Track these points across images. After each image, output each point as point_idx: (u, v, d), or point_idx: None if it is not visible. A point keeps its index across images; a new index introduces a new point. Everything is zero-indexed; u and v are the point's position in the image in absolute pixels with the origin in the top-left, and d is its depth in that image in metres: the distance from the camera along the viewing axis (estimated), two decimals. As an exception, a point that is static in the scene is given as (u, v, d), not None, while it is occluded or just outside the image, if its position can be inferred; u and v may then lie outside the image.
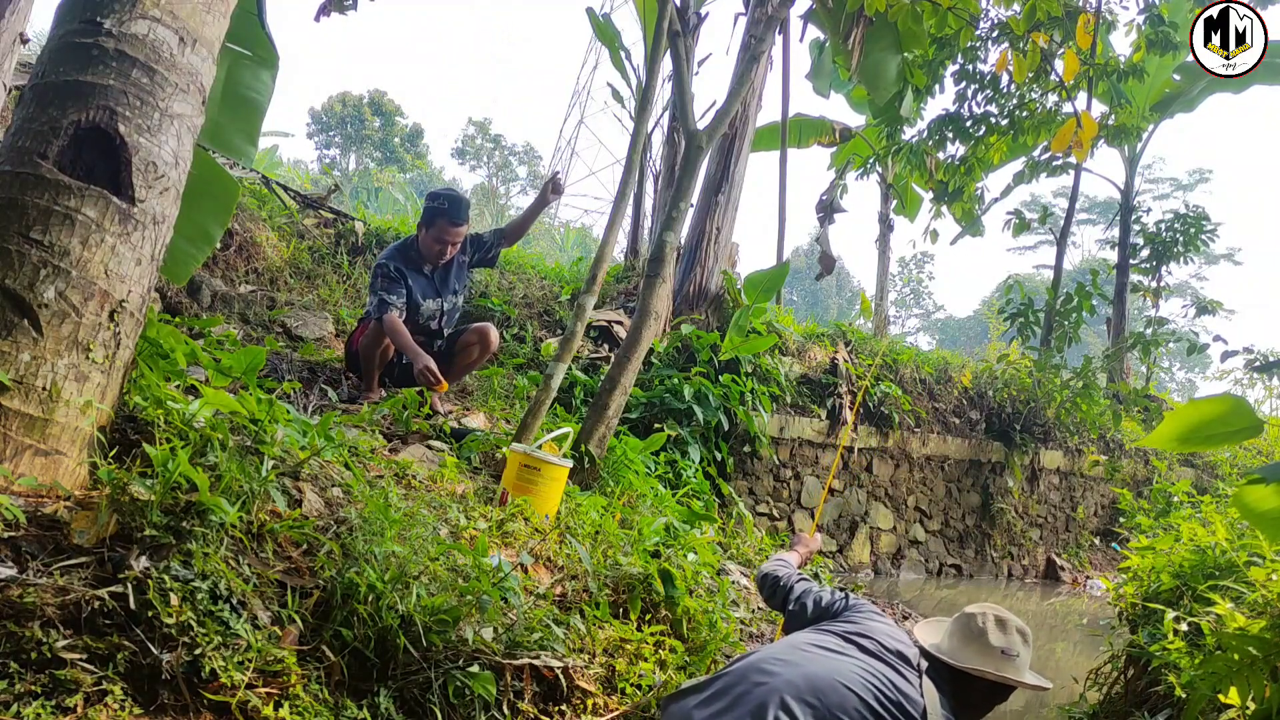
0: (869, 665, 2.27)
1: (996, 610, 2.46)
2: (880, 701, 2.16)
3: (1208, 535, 3.66)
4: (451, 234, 4.74)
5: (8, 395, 2.19)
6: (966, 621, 2.44)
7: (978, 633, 2.39)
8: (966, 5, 6.66)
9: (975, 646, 2.38)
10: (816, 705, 2.10)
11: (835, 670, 2.22)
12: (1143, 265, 11.91)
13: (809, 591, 2.80)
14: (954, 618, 2.51)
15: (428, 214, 4.75)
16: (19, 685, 1.74)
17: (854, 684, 2.18)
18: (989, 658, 2.35)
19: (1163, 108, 12.10)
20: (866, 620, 2.50)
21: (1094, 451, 10.22)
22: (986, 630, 2.39)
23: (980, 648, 2.37)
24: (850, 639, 2.37)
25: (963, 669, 2.34)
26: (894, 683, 2.23)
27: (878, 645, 2.36)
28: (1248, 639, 2.46)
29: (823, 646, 2.33)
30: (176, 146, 2.56)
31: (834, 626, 2.49)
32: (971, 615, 2.45)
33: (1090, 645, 5.38)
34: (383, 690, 2.25)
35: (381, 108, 36.96)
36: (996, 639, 2.38)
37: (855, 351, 8.79)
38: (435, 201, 4.77)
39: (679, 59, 5.13)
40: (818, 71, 11.87)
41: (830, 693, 2.14)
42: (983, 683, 2.36)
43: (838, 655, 2.29)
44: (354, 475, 2.95)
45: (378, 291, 4.64)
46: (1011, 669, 2.36)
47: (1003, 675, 2.34)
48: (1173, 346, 12.82)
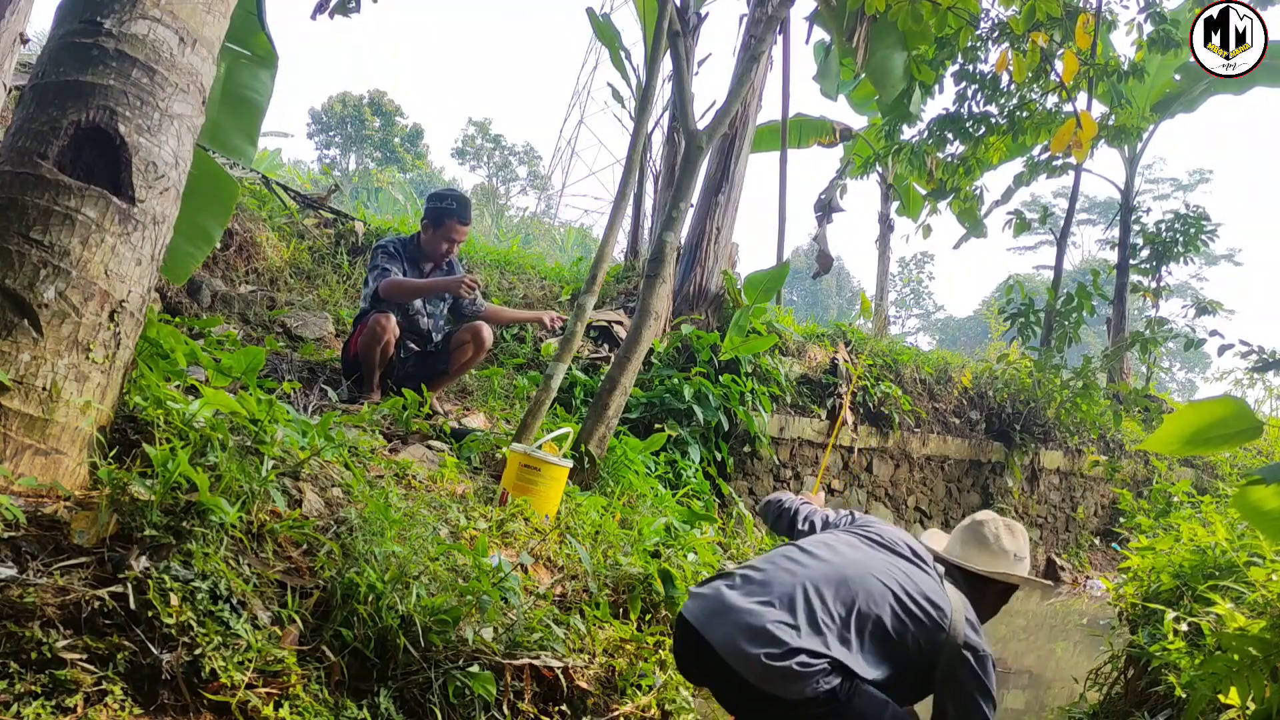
0: (894, 562, 2.37)
1: (1001, 518, 2.62)
2: (908, 595, 2.26)
3: (1208, 535, 3.66)
4: (460, 233, 4.82)
5: (8, 395, 2.19)
6: (977, 529, 2.58)
7: (991, 538, 2.55)
8: (966, 5, 6.66)
9: (989, 551, 2.54)
10: (846, 594, 2.20)
11: (864, 563, 2.31)
12: (1143, 265, 11.90)
13: (816, 511, 2.82)
14: (961, 526, 2.66)
15: (435, 214, 4.78)
16: (19, 685, 1.74)
17: (883, 576, 2.28)
18: (1003, 561, 2.53)
19: (1163, 108, 12.10)
20: (881, 526, 2.58)
21: (1094, 451, 10.21)
22: (999, 536, 2.56)
23: (994, 552, 2.53)
24: (872, 540, 2.46)
25: (984, 573, 2.50)
26: (918, 580, 2.33)
27: (899, 545, 2.46)
28: (1248, 639, 2.46)
29: (849, 544, 2.42)
30: (176, 146, 2.56)
31: (854, 531, 2.55)
32: (981, 523, 2.60)
33: (1090, 645, 5.38)
34: (383, 690, 2.25)
35: (381, 108, 36.93)
36: (1009, 544, 2.55)
37: (855, 352, 8.79)
38: (443, 202, 4.82)
39: (679, 59, 5.13)
40: (824, 73, 11.87)
41: (859, 582, 2.24)
42: (997, 585, 2.54)
43: (865, 550, 2.40)
44: (354, 475, 2.95)
45: (378, 265, 4.70)
46: (1022, 570, 2.56)
47: (1019, 577, 2.55)
48: (1172, 347, 12.82)
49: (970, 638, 2.26)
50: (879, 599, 2.21)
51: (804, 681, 2.02)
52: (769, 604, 2.15)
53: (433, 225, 4.78)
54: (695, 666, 2.30)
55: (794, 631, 2.09)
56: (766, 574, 2.25)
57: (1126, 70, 9.34)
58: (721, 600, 2.20)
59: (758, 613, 2.13)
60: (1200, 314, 11.27)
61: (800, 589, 2.18)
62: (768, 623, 2.10)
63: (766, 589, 2.20)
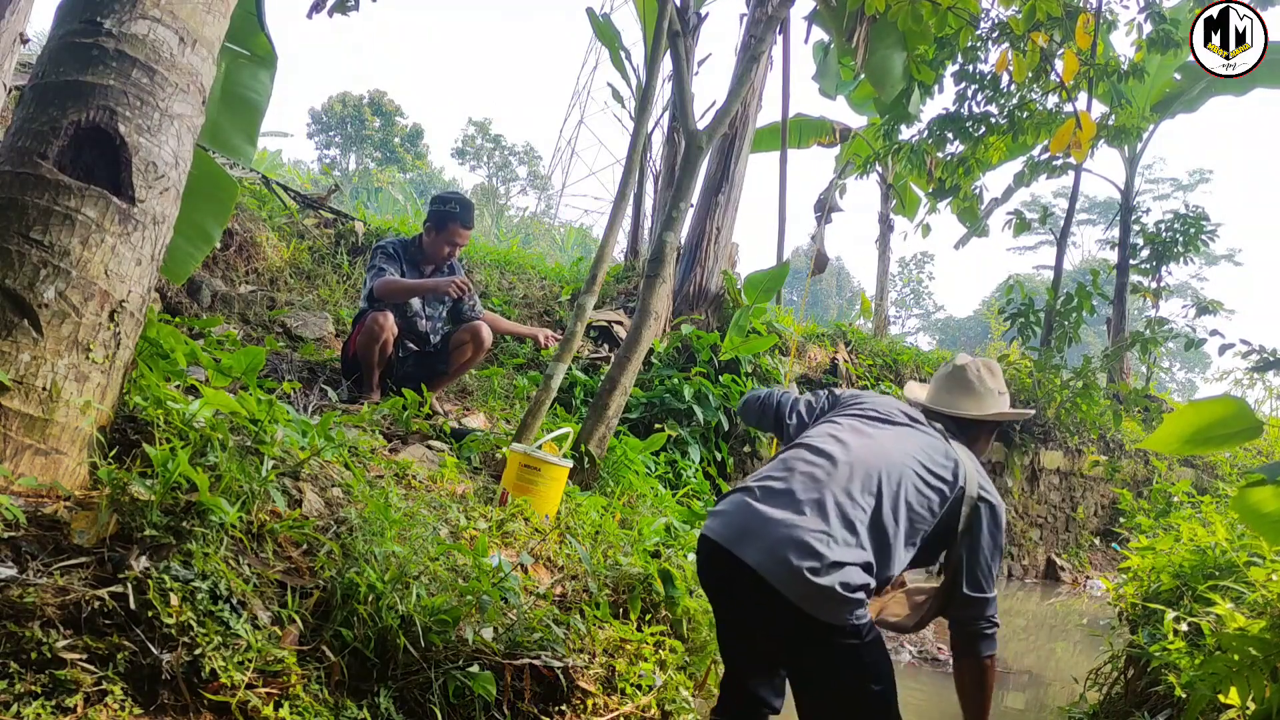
0: (901, 434, 2.34)
1: (978, 358, 2.62)
2: (924, 466, 2.24)
3: (1208, 535, 3.66)
4: (462, 237, 4.84)
5: (8, 395, 2.19)
6: (961, 375, 2.56)
7: (976, 381, 2.55)
8: (966, 5, 6.66)
9: (977, 395, 2.53)
10: (870, 485, 2.16)
11: (876, 448, 2.26)
12: (1143, 265, 11.90)
13: (798, 400, 2.67)
14: (942, 375, 2.61)
15: (439, 217, 4.79)
16: (19, 685, 1.74)
17: (897, 455, 2.24)
18: (991, 401, 2.54)
19: (1163, 108, 12.09)
20: (871, 399, 2.50)
21: (1094, 451, 10.21)
22: (983, 377, 2.56)
23: (982, 394, 2.53)
24: (872, 419, 2.39)
25: (980, 418, 2.51)
26: (927, 446, 2.31)
27: (896, 415, 2.42)
28: (1248, 639, 2.46)
29: (853, 430, 2.34)
30: (176, 146, 2.56)
31: (848, 412, 2.45)
32: (962, 368, 2.58)
33: (1090, 645, 5.38)
34: (383, 690, 2.25)
35: (381, 108, 36.93)
36: (992, 382, 2.56)
37: (855, 352, 8.79)
38: (446, 205, 4.83)
39: (679, 59, 5.13)
40: (823, 73, 11.87)
41: (878, 469, 2.18)
42: (988, 425, 2.55)
43: (871, 432, 2.34)
44: (354, 475, 2.95)
45: (375, 265, 4.72)
46: (1007, 404, 2.58)
47: (1012, 413, 2.58)
48: (1172, 347, 12.82)
49: (984, 490, 2.29)
50: (901, 480, 2.18)
51: (844, 608, 1.99)
52: (800, 513, 2.07)
53: (435, 228, 4.79)
54: (723, 588, 2.21)
55: (830, 540, 2.02)
56: (787, 482, 2.16)
57: (1126, 70, 9.33)
58: (752, 513, 2.10)
59: (792, 523, 2.04)
60: (1200, 314, 11.26)
61: (828, 493, 2.11)
62: (806, 534, 2.02)
63: (793, 497, 2.11)
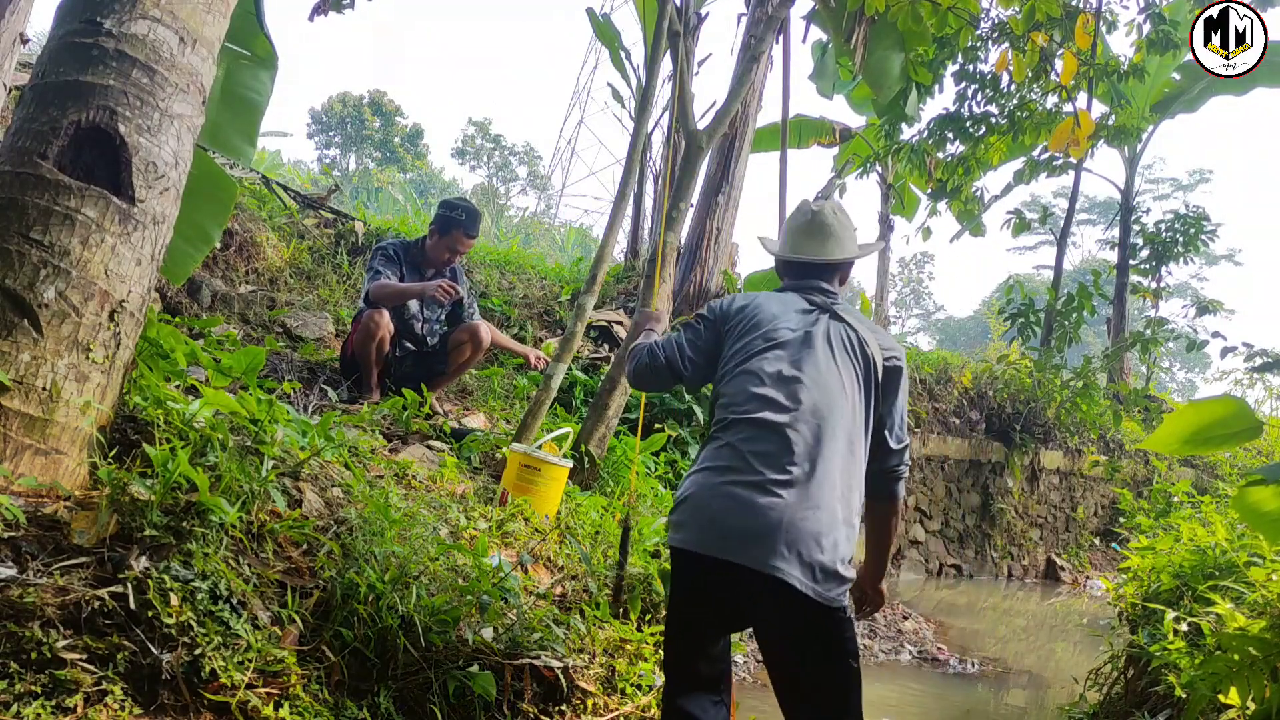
0: (814, 336, 2.27)
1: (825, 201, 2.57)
2: (850, 361, 2.25)
3: (1208, 535, 3.66)
4: (465, 245, 4.84)
5: (8, 395, 2.19)
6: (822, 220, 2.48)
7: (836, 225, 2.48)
8: (966, 5, 6.66)
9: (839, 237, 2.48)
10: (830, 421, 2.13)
11: (813, 374, 2.20)
12: (1143, 265, 11.90)
13: (681, 343, 2.41)
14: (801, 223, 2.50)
15: (444, 222, 4.78)
16: (19, 685, 1.74)
17: (827, 366, 2.21)
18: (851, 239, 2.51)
19: (1163, 108, 12.09)
20: (758, 309, 2.35)
21: (1094, 452, 10.21)
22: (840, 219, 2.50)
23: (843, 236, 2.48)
24: (782, 341, 2.27)
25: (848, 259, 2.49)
26: (840, 333, 2.29)
27: (790, 317, 2.32)
28: (1248, 639, 2.46)
29: (776, 360, 2.23)
30: (176, 146, 2.56)
31: (755, 339, 2.29)
32: (820, 213, 2.50)
33: (1090, 645, 5.38)
34: (383, 690, 2.25)
35: (381, 108, 36.93)
36: (848, 221, 2.52)
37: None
38: (453, 211, 4.82)
39: (679, 59, 5.13)
40: (821, 72, 11.86)
41: (826, 396, 2.16)
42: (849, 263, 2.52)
43: (794, 354, 2.24)
44: (354, 475, 2.96)
45: (373, 267, 4.72)
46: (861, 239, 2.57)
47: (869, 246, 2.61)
48: (1172, 347, 12.82)
49: (889, 351, 2.33)
50: (843, 393, 2.19)
51: (842, 586, 2.01)
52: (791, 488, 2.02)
53: (439, 233, 4.78)
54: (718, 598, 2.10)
55: (834, 522, 2.03)
56: (765, 454, 2.07)
57: (1126, 70, 9.33)
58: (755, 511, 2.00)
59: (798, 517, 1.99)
60: (1200, 314, 11.27)
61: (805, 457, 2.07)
62: (817, 525, 2.00)
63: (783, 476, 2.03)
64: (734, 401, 2.20)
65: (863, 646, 5.11)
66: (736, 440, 2.12)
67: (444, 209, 4.87)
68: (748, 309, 2.36)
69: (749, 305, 2.37)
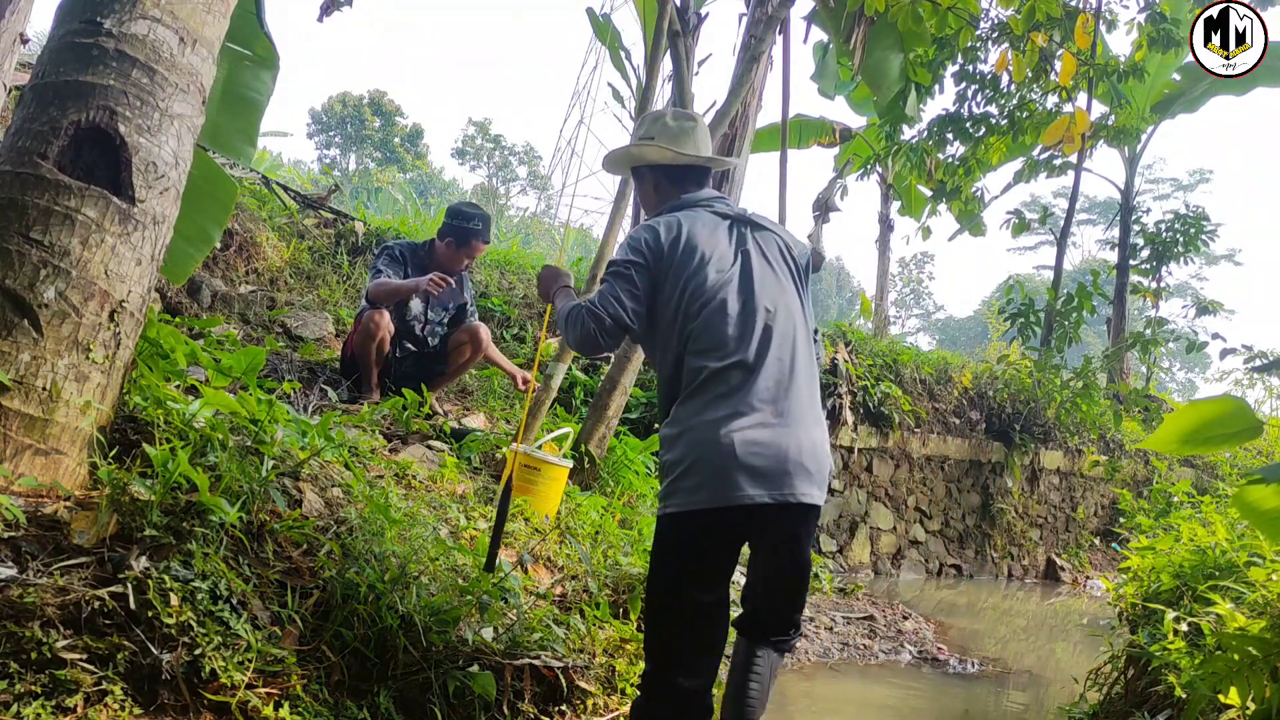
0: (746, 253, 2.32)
1: (672, 110, 2.64)
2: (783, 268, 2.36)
3: (1208, 535, 3.65)
4: (481, 250, 4.85)
5: (8, 395, 2.19)
6: (681, 124, 2.48)
7: (703, 129, 2.51)
8: (966, 5, 6.67)
9: (700, 134, 2.50)
10: (789, 343, 2.25)
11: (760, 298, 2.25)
12: (1143, 265, 11.90)
13: (626, 294, 2.26)
14: (671, 124, 2.48)
15: (462, 233, 4.72)
16: (19, 685, 1.74)
17: (769, 284, 2.29)
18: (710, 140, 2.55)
19: (1163, 108, 12.10)
20: (689, 241, 2.28)
21: (1094, 452, 10.21)
22: (702, 123, 2.52)
23: (708, 136, 2.52)
24: (723, 274, 2.26)
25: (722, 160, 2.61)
26: (761, 242, 2.36)
27: (724, 240, 2.33)
28: (1248, 639, 2.46)
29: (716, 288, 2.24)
30: (176, 147, 2.56)
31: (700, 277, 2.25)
32: (685, 115, 2.53)
33: (1090, 645, 5.38)
34: (383, 690, 2.25)
35: (381, 108, 36.95)
36: (704, 122, 2.55)
37: (855, 351, 8.79)
38: (470, 222, 4.75)
39: (679, 59, 5.13)
40: (821, 73, 11.87)
41: (780, 321, 2.25)
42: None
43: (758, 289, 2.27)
44: (354, 475, 2.96)
45: (376, 266, 4.72)
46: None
47: (724, 161, 2.71)
48: (1172, 347, 12.82)
49: (800, 245, 2.48)
50: (793, 304, 2.31)
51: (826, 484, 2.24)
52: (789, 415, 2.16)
53: (457, 243, 4.72)
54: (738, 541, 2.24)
55: (815, 429, 2.21)
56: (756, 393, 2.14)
57: (1126, 70, 9.34)
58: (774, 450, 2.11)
59: (797, 435, 2.15)
60: (1200, 314, 11.27)
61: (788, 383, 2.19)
62: (810, 437, 2.18)
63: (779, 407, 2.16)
64: (710, 348, 2.19)
65: (863, 647, 5.11)
66: (727, 389, 2.15)
67: (457, 219, 4.78)
68: (679, 241, 2.29)
69: (678, 237, 2.29)
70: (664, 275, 2.27)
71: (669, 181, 2.47)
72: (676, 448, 2.16)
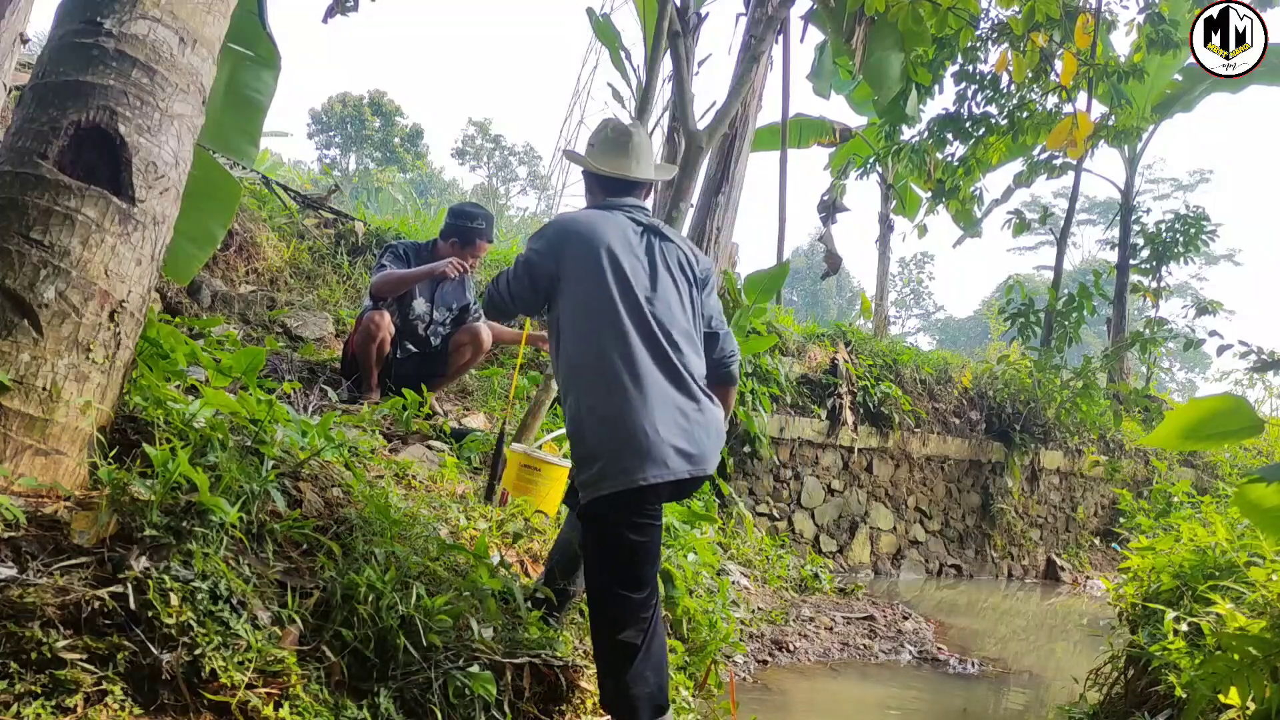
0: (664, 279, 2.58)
1: (629, 124, 2.80)
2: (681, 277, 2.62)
3: (1208, 535, 3.66)
4: (485, 251, 4.85)
5: (8, 395, 2.19)
6: (628, 137, 2.73)
7: (641, 143, 2.73)
8: (966, 5, 6.66)
9: (647, 156, 2.74)
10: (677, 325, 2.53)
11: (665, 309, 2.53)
12: (1143, 265, 11.90)
13: (512, 280, 2.64)
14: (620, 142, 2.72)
15: (466, 234, 4.73)
16: (19, 685, 1.74)
17: (676, 302, 2.56)
18: (651, 159, 2.76)
19: (1164, 109, 12.10)
20: (591, 237, 2.55)
21: (1094, 452, 10.21)
22: (645, 140, 2.76)
23: (645, 155, 2.73)
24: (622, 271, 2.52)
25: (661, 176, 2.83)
26: (678, 269, 2.63)
27: (627, 244, 2.58)
28: (1248, 639, 2.46)
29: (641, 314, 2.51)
30: (177, 147, 2.56)
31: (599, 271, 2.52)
32: (629, 130, 2.75)
33: (1090, 645, 5.38)
34: (383, 690, 2.25)
35: (381, 108, 36.94)
36: (649, 143, 2.78)
37: (855, 352, 8.79)
38: (474, 222, 4.75)
39: (679, 59, 5.13)
40: (819, 72, 11.88)
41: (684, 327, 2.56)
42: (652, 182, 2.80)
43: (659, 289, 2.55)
44: (354, 475, 2.95)
45: (380, 262, 4.74)
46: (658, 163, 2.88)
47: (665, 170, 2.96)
48: (1172, 347, 12.82)
49: (705, 262, 2.74)
50: (685, 307, 2.58)
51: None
52: (688, 400, 2.46)
53: (461, 244, 4.73)
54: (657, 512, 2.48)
55: (706, 411, 2.51)
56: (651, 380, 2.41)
57: (1126, 71, 9.33)
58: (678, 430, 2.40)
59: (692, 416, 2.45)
60: (1200, 314, 11.27)
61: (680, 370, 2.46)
62: (701, 417, 2.47)
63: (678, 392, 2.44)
64: (618, 343, 2.45)
65: (863, 647, 5.11)
66: (620, 380, 2.41)
67: (460, 219, 4.78)
68: (582, 236, 2.56)
69: (583, 232, 2.57)
70: (563, 263, 2.55)
71: (599, 187, 2.75)
72: (584, 433, 2.47)
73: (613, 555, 2.43)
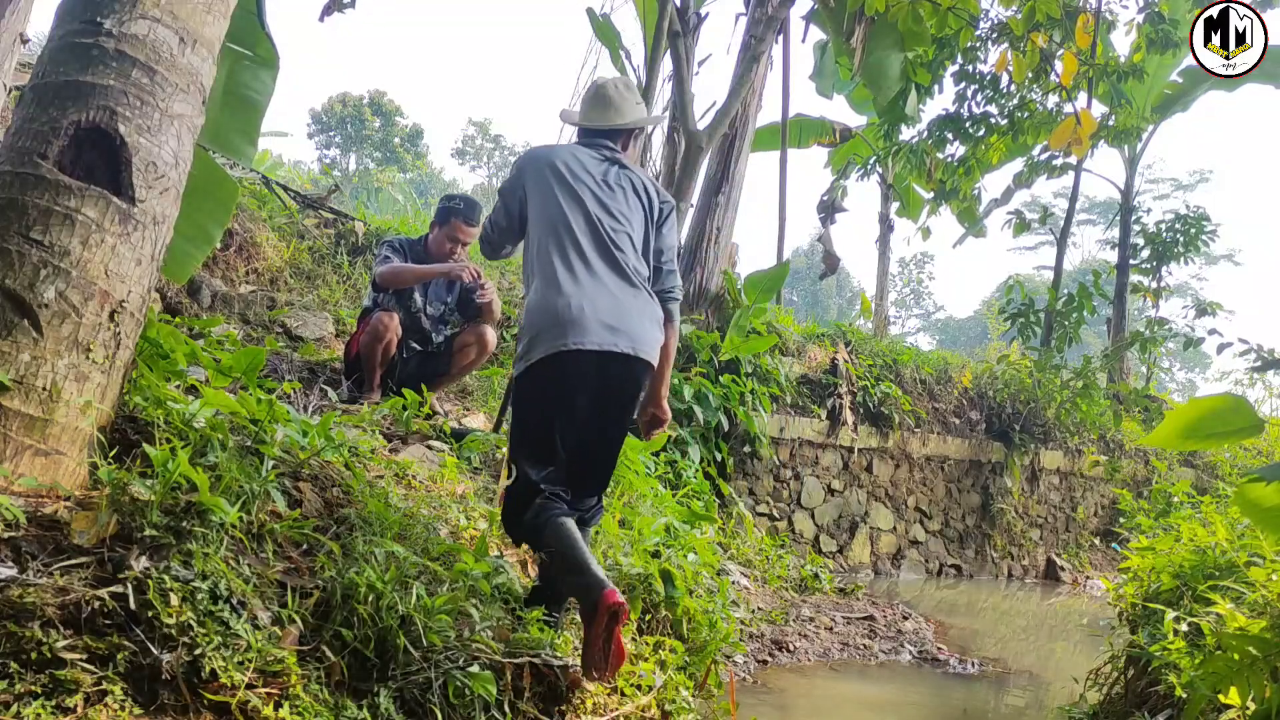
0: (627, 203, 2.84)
1: (611, 78, 3.03)
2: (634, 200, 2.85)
3: (1208, 535, 3.66)
4: (465, 233, 4.84)
5: (8, 395, 2.19)
6: (603, 92, 2.97)
7: (616, 96, 2.96)
8: (966, 5, 6.67)
9: (618, 107, 2.96)
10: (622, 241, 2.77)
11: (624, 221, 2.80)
12: (1143, 265, 11.91)
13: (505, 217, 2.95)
14: (587, 97, 3.00)
15: (442, 212, 4.86)
16: (19, 685, 1.74)
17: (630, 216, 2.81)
18: (631, 109, 2.98)
19: (1164, 109, 12.11)
20: (554, 162, 2.83)
21: (1094, 452, 10.21)
22: (620, 92, 2.98)
23: (622, 106, 2.96)
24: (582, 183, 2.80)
25: (627, 125, 2.97)
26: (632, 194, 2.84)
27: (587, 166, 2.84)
28: (1248, 639, 2.46)
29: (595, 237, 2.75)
30: (177, 147, 2.56)
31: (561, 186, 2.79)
32: (602, 86, 2.99)
33: (1090, 645, 5.38)
34: (383, 690, 2.25)
35: (381, 108, 36.95)
36: (630, 94, 2.99)
37: (855, 352, 8.79)
38: (451, 202, 4.91)
39: (679, 59, 5.14)
40: (820, 72, 11.88)
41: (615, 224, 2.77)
42: (635, 130, 3.06)
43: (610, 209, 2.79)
44: (354, 475, 2.95)
45: (381, 255, 4.81)
46: (645, 113, 3.09)
47: (649, 119, 3.30)
48: (1172, 347, 12.83)
49: (665, 197, 2.94)
50: (633, 224, 2.80)
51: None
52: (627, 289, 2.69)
53: (439, 224, 4.84)
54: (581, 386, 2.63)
55: (648, 305, 2.72)
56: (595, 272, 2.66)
57: (1126, 71, 9.34)
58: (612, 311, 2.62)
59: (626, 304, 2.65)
60: (1200, 315, 11.27)
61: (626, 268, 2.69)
62: (639, 308, 2.69)
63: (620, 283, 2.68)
64: (560, 239, 2.72)
65: (863, 647, 5.11)
66: (569, 271, 2.66)
67: (443, 201, 4.96)
68: (543, 158, 2.86)
69: (542, 155, 2.89)
70: (531, 188, 2.84)
71: (578, 134, 3.06)
72: (532, 309, 2.72)
73: (527, 420, 2.69)
